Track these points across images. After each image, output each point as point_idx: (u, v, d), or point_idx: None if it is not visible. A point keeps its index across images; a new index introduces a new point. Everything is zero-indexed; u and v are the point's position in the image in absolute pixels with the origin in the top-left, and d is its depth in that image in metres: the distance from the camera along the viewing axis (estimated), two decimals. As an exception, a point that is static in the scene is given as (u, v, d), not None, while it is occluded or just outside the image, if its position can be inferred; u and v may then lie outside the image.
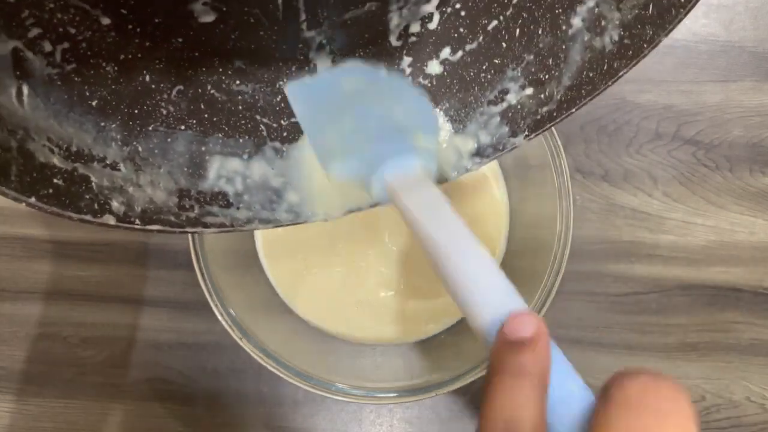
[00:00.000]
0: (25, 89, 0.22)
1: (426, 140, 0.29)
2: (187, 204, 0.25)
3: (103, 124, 0.24)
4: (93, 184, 0.23)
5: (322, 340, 0.42)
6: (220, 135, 0.26)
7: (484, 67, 0.27)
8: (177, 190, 0.25)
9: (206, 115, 0.26)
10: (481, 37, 0.27)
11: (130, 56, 0.24)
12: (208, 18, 0.25)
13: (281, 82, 0.28)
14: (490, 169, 0.44)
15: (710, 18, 0.47)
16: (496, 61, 0.27)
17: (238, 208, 0.26)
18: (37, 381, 0.45)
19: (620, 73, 0.23)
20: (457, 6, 0.27)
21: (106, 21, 0.24)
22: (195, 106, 0.26)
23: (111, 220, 0.23)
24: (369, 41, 0.28)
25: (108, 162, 0.24)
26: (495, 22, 0.26)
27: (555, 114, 0.25)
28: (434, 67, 0.28)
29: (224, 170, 0.26)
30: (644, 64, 0.49)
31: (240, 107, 0.27)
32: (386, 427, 0.44)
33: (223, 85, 0.27)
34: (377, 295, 0.42)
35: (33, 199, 0.21)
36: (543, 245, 0.37)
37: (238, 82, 0.27)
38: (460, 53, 0.28)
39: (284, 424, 0.44)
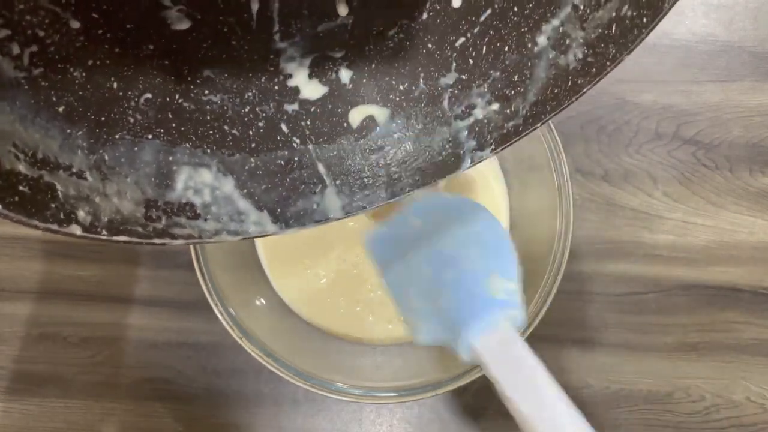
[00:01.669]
0: None
1: (505, 283, 0.30)
2: (154, 215, 0.25)
3: (69, 130, 0.24)
4: (59, 192, 0.23)
5: (322, 340, 0.42)
6: (187, 145, 0.26)
7: (451, 83, 0.28)
8: (144, 200, 0.25)
9: (174, 125, 0.26)
10: (448, 53, 0.27)
11: (98, 62, 0.24)
12: (182, 26, 0.25)
13: (250, 93, 0.27)
14: (491, 169, 0.44)
15: (710, 18, 0.47)
16: (464, 77, 0.27)
17: (206, 220, 0.25)
18: (37, 381, 0.45)
19: (584, 90, 0.24)
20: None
21: (75, 25, 0.23)
22: (163, 115, 0.26)
23: (77, 230, 0.23)
24: (344, 55, 0.28)
25: (74, 170, 0.23)
26: (462, 39, 0.27)
27: (521, 128, 0.26)
28: None
29: (192, 181, 0.26)
30: (644, 64, 0.49)
31: (208, 117, 0.27)
32: (386, 427, 0.44)
33: (192, 95, 0.27)
34: (377, 295, 0.42)
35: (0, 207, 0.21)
36: (543, 245, 0.37)
37: (206, 91, 0.27)
38: None
39: (284, 424, 0.44)
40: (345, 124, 0.28)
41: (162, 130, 0.26)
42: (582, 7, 0.24)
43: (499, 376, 0.25)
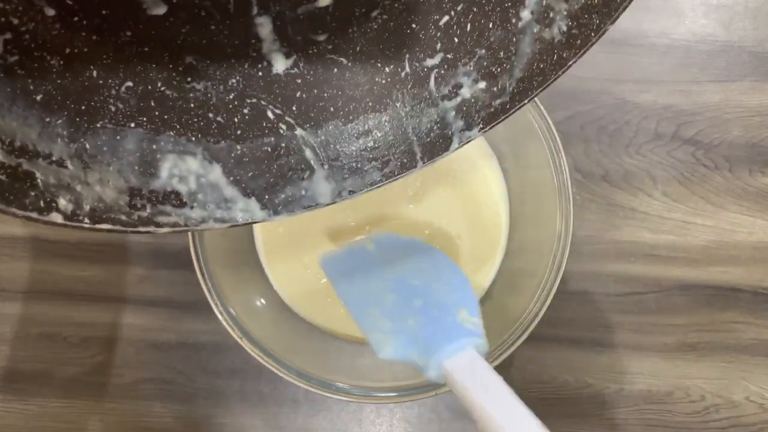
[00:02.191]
0: None
1: (471, 317, 0.32)
2: (138, 203, 0.24)
3: (48, 119, 0.23)
4: (39, 180, 0.22)
5: (322, 340, 0.42)
6: (171, 133, 0.26)
7: (437, 63, 0.28)
8: (128, 188, 0.24)
9: (157, 113, 0.26)
10: (433, 33, 0.27)
11: (76, 50, 0.24)
12: (158, 10, 0.24)
13: (234, 80, 0.27)
14: (491, 168, 0.44)
15: (710, 18, 0.47)
16: (449, 56, 0.27)
17: (191, 208, 0.25)
18: (37, 381, 0.45)
19: (569, 63, 0.24)
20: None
21: (50, 12, 0.23)
22: (145, 103, 0.26)
23: (58, 218, 0.22)
24: (327, 38, 0.28)
25: (54, 159, 0.23)
26: (446, 18, 0.27)
27: (508, 106, 0.26)
28: None
29: (177, 169, 0.26)
30: (644, 64, 0.49)
31: (192, 105, 0.27)
32: (386, 427, 0.44)
33: (174, 82, 0.26)
34: (377, 295, 0.42)
35: None
36: (543, 245, 0.37)
37: (189, 79, 0.26)
38: None
39: (284, 424, 0.44)
40: (331, 109, 0.28)
41: (145, 119, 0.25)
42: None
43: (468, 394, 0.27)
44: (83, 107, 0.24)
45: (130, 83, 0.25)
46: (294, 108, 0.28)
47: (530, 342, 0.35)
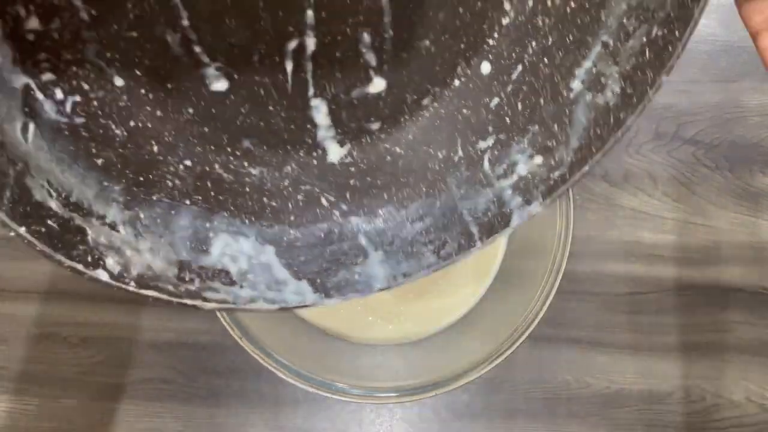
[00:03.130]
0: (32, 127, 0.22)
1: None
2: (187, 276, 0.24)
3: (106, 183, 0.24)
4: (89, 237, 0.23)
5: (322, 340, 0.42)
6: (225, 214, 0.26)
7: (491, 144, 0.27)
8: (177, 261, 0.24)
9: (212, 193, 0.26)
10: (484, 116, 0.27)
11: (140, 124, 0.25)
12: (220, 86, 0.25)
13: (289, 167, 0.27)
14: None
15: (710, 18, 0.47)
16: (502, 137, 0.26)
17: (241, 287, 0.25)
18: (37, 381, 0.45)
19: (627, 122, 0.23)
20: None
21: (119, 82, 0.24)
22: (201, 183, 0.26)
23: (104, 276, 0.22)
24: (380, 126, 0.27)
25: (107, 221, 0.23)
26: (497, 100, 0.26)
27: (567, 176, 0.25)
28: None
29: (229, 249, 0.25)
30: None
31: (247, 189, 0.27)
32: (386, 427, 0.44)
33: (231, 166, 0.27)
34: (377, 295, 0.42)
35: (23, 230, 0.21)
36: (543, 245, 0.37)
37: (245, 164, 0.27)
38: None
39: (284, 424, 0.44)
40: (385, 196, 0.27)
41: (200, 198, 0.26)
42: (612, 43, 0.23)
43: None
44: (141, 179, 0.25)
45: (188, 162, 0.26)
46: (348, 195, 0.27)
47: (530, 342, 0.35)
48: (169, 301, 0.23)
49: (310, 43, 0.25)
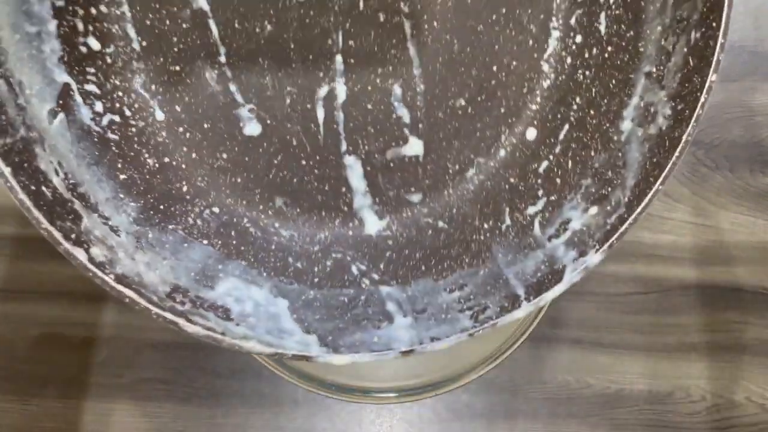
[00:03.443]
0: (61, 116, 0.22)
1: None
2: (179, 298, 0.23)
3: (122, 196, 0.23)
4: (83, 224, 0.21)
5: (322, 340, 0.42)
6: (243, 263, 0.25)
7: (540, 208, 0.25)
8: (173, 283, 0.23)
9: (234, 242, 0.25)
10: (533, 181, 0.26)
11: (174, 162, 0.25)
12: (253, 130, 0.25)
13: (323, 235, 0.26)
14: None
15: (710, 18, 0.47)
16: (553, 198, 0.25)
17: (237, 325, 0.23)
18: (37, 381, 0.45)
19: (684, 138, 0.22)
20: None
21: (160, 116, 0.24)
22: (225, 231, 0.25)
23: (82, 256, 0.21)
24: (421, 199, 0.26)
25: (110, 224, 0.22)
26: (546, 163, 0.25)
27: (626, 215, 0.23)
28: None
29: (237, 291, 0.24)
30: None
31: (273, 247, 0.26)
32: (386, 427, 0.44)
33: (261, 224, 0.26)
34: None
35: (8, 170, 0.19)
36: (543, 245, 0.37)
37: (277, 224, 0.26)
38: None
39: (284, 425, 0.44)
40: (423, 268, 0.26)
41: (219, 242, 0.25)
42: (655, 70, 0.22)
43: None
44: (162, 207, 0.24)
45: (216, 209, 0.25)
46: (381, 266, 0.26)
47: (530, 342, 0.35)
48: (147, 308, 0.21)
49: (341, 90, 0.25)
